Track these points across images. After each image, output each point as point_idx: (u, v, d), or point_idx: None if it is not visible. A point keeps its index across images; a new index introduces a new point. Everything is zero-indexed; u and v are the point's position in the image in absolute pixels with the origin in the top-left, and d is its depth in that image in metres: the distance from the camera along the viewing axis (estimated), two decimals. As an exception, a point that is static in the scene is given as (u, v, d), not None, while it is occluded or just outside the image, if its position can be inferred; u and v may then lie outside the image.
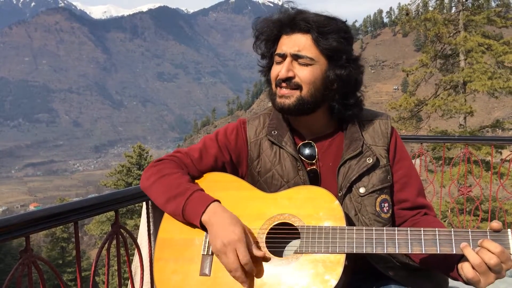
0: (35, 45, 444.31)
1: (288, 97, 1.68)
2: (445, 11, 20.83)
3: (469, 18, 18.22)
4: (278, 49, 1.72)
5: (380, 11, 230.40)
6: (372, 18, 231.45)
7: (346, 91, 1.73)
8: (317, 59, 1.67)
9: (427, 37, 19.60)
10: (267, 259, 1.55)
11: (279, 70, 1.70)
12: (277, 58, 1.72)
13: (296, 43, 1.67)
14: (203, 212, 1.59)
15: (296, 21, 1.67)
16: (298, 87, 1.67)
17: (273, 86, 1.75)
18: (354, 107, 1.76)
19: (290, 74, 1.67)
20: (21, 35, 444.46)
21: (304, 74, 1.66)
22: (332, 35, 1.65)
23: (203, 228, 1.63)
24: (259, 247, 1.56)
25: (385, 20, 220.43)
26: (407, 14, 19.62)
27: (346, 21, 1.73)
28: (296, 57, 1.67)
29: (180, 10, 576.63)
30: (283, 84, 1.69)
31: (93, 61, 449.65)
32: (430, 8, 20.28)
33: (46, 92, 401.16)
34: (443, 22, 18.22)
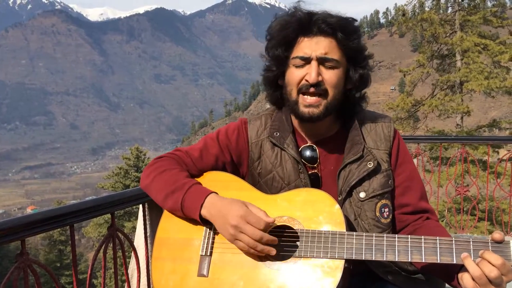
0: (31, 47, 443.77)
1: (317, 106, 1.64)
2: (441, 11, 20.86)
3: (465, 18, 18.26)
4: (299, 51, 1.65)
5: (377, 12, 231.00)
6: (368, 18, 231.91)
7: (361, 89, 1.74)
8: (341, 61, 1.65)
9: (423, 38, 19.64)
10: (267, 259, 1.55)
11: (303, 75, 1.64)
12: (297, 62, 1.65)
13: (321, 45, 1.62)
14: (202, 206, 1.59)
15: (319, 24, 1.62)
16: (326, 92, 1.63)
17: (294, 92, 1.67)
18: (361, 102, 1.79)
19: (320, 79, 1.62)
20: (18, 38, 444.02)
21: (331, 77, 1.63)
22: (354, 36, 1.65)
23: (203, 222, 1.62)
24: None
25: (382, 20, 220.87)
26: (404, 15, 19.66)
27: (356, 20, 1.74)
28: (323, 60, 1.62)
29: (176, 11, 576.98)
30: (311, 89, 1.62)
31: (90, 63, 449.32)
32: (427, 9, 20.29)
33: (43, 94, 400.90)
34: (439, 22, 18.26)
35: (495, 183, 5.39)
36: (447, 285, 1.61)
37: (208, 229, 1.64)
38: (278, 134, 1.77)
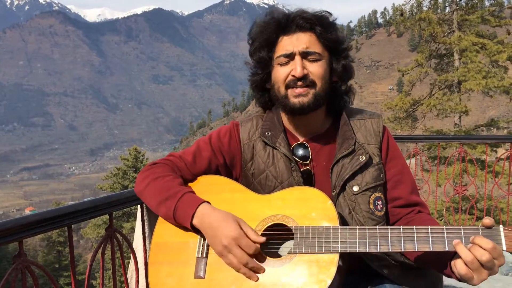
0: (29, 48, 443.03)
1: (305, 95, 1.68)
2: (439, 10, 20.93)
3: (463, 18, 18.31)
4: (282, 50, 1.71)
5: (375, 12, 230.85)
6: (366, 18, 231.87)
7: (346, 80, 1.79)
8: (323, 54, 1.70)
9: (421, 37, 19.68)
10: (263, 258, 1.56)
11: (288, 71, 1.69)
12: (281, 60, 1.70)
13: (301, 40, 1.68)
14: (193, 215, 1.60)
15: (297, 21, 1.69)
16: (313, 83, 1.68)
17: (282, 89, 1.72)
18: (347, 94, 1.82)
19: (306, 72, 1.66)
20: (16, 39, 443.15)
21: (316, 69, 1.68)
22: (331, 28, 1.71)
23: (195, 230, 1.64)
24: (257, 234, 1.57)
25: (380, 20, 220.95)
26: (402, 14, 19.69)
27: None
28: (305, 54, 1.68)
29: (174, 12, 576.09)
30: (299, 83, 1.67)
31: (88, 64, 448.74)
32: (424, 8, 20.36)
33: (41, 95, 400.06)
34: (437, 21, 18.30)
35: (493, 182, 5.39)
36: (443, 278, 1.62)
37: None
38: (269, 133, 1.80)
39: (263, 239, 1.53)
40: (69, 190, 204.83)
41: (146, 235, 2.20)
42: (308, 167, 1.78)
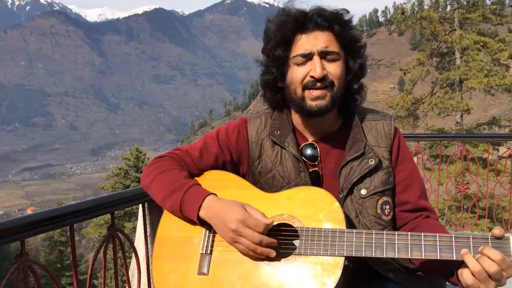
0: (30, 49, 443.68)
1: (323, 97, 1.63)
2: (440, 9, 20.89)
3: (465, 16, 18.29)
4: (299, 49, 1.64)
5: (376, 10, 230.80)
6: (367, 17, 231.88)
7: (360, 78, 1.74)
8: (340, 53, 1.66)
9: (423, 36, 19.68)
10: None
11: (306, 72, 1.63)
12: (298, 60, 1.64)
13: (320, 39, 1.63)
14: (200, 208, 1.59)
15: (314, 19, 1.63)
16: (332, 84, 1.63)
17: (299, 90, 1.65)
18: (359, 92, 1.78)
19: (325, 72, 1.61)
20: (17, 39, 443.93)
21: (334, 69, 1.63)
22: (349, 27, 1.67)
23: (202, 223, 1.63)
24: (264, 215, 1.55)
25: (381, 19, 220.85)
26: (403, 13, 19.67)
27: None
28: (324, 54, 1.62)
29: (175, 12, 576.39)
30: (318, 84, 1.62)
31: (89, 64, 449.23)
32: (426, 7, 20.36)
33: (42, 96, 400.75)
34: (438, 20, 18.28)
35: (495, 181, 5.38)
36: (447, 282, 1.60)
37: (208, 228, 1.64)
38: (278, 132, 1.76)
39: (270, 220, 1.52)
40: (70, 190, 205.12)
41: (148, 234, 2.19)
42: (316, 168, 1.75)
